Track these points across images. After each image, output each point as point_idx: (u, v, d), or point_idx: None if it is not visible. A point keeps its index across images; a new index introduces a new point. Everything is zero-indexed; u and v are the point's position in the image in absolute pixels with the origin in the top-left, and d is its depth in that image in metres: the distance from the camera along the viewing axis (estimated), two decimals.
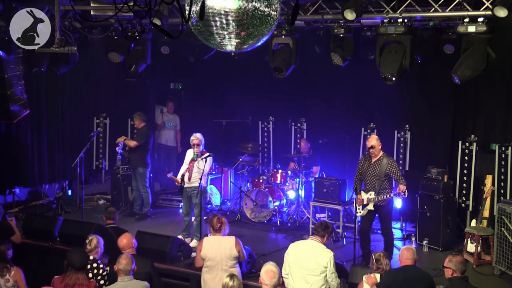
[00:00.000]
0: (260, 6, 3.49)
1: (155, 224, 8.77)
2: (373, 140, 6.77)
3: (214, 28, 3.55)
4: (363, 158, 7.07)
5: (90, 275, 5.32)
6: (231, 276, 4.43)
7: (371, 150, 6.77)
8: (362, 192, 6.87)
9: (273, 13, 3.60)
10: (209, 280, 5.59)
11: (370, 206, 6.78)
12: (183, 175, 7.83)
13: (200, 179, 7.49)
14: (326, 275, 5.04)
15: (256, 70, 9.63)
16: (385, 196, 6.67)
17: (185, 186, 7.85)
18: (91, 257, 5.44)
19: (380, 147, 6.81)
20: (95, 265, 5.42)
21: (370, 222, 7.04)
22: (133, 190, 9.28)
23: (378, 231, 8.47)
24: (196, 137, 7.81)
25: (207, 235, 6.23)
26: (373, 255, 5.20)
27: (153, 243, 7.04)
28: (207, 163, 7.71)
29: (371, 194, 6.75)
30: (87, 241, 5.60)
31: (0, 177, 9.22)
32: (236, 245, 5.64)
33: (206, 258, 5.59)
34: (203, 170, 7.63)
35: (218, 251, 5.59)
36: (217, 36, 3.61)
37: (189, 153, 7.98)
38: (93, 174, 10.91)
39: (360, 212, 6.89)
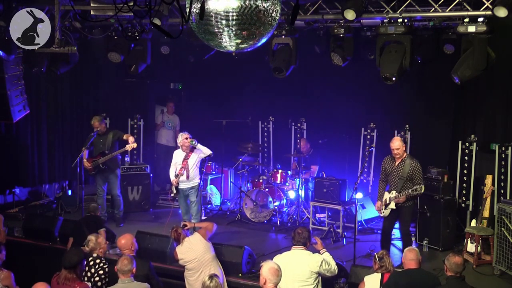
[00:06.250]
0: (262, 5, 3.49)
1: (155, 224, 8.78)
2: (397, 142, 6.84)
3: (215, 28, 3.55)
4: (387, 159, 7.08)
5: (92, 270, 5.40)
6: (210, 276, 4.49)
7: (395, 152, 6.84)
8: (386, 193, 6.94)
9: (274, 10, 3.59)
10: (195, 282, 5.69)
11: (392, 205, 6.83)
12: (178, 176, 7.84)
13: (200, 179, 7.55)
14: (318, 280, 5.02)
15: (256, 70, 9.63)
16: (404, 193, 6.70)
17: (181, 186, 7.86)
18: (94, 254, 5.52)
19: (404, 149, 6.92)
20: (98, 261, 5.50)
21: (392, 223, 7.06)
22: (99, 197, 8.74)
23: (379, 231, 8.49)
24: (183, 138, 7.80)
25: None
26: (375, 253, 5.18)
27: (153, 243, 7.06)
28: (197, 152, 7.83)
29: (393, 193, 6.82)
30: (84, 242, 5.65)
31: (0, 177, 9.23)
32: (203, 235, 5.86)
33: (187, 263, 5.73)
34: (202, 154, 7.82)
35: (194, 251, 5.76)
36: (217, 36, 3.60)
37: (178, 154, 7.97)
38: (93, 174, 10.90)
39: (383, 213, 6.98)
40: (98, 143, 8.67)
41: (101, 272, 5.42)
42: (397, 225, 8.67)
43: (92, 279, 5.37)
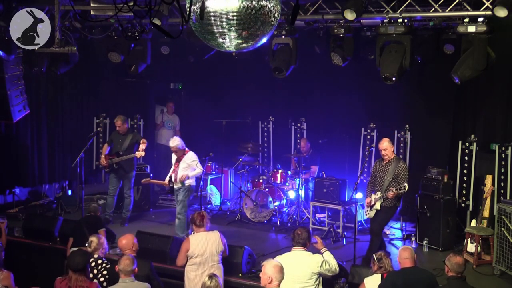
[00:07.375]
0: (266, 6, 3.48)
1: (155, 224, 8.78)
2: (385, 143, 6.91)
3: (216, 29, 3.54)
4: (377, 161, 7.18)
5: (95, 271, 5.42)
6: (210, 276, 4.45)
7: (383, 152, 6.90)
8: (372, 194, 6.93)
9: (277, 11, 3.59)
10: (195, 278, 5.60)
11: (377, 206, 6.83)
12: (170, 177, 7.89)
13: (197, 179, 7.63)
14: (319, 280, 5.01)
15: (256, 70, 9.63)
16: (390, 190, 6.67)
17: (174, 186, 7.94)
18: (95, 255, 5.54)
19: (392, 150, 6.99)
20: (99, 261, 5.53)
21: None
22: (109, 196, 8.80)
23: None
24: (174, 144, 7.81)
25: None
26: (374, 255, 5.18)
27: (153, 243, 7.05)
28: (189, 159, 7.79)
29: (378, 194, 6.81)
30: (87, 243, 5.65)
31: (0, 177, 9.23)
32: (222, 239, 5.76)
33: (195, 255, 5.63)
34: (192, 168, 7.81)
35: (206, 246, 5.63)
36: (218, 36, 3.60)
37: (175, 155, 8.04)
38: (93, 174, 10.90)
39: (368, 214, 6.99)
40: (117, 143, 8.72)
41: (105, 272, 5.45)
42: (397, 225, 8.72)
43: (96, 280, 5.37)
